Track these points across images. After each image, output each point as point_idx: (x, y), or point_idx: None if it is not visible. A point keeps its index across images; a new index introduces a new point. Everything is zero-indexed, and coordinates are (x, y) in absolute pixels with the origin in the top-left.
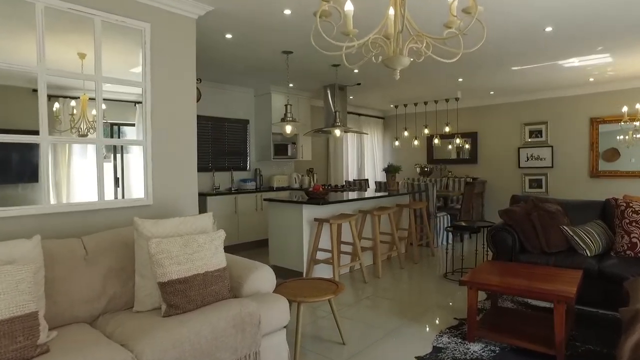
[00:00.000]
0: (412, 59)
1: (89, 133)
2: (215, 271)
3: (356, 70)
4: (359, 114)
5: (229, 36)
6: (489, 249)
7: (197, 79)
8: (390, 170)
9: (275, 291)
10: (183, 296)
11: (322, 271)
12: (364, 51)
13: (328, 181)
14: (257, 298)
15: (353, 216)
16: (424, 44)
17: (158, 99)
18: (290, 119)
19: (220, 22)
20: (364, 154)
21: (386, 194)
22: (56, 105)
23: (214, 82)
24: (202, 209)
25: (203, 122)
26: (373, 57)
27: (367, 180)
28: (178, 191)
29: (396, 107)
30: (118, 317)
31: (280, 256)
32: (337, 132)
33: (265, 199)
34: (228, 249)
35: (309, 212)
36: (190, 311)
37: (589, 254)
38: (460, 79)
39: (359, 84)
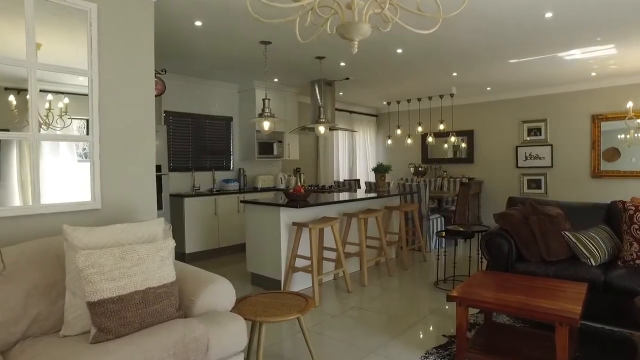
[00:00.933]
0: (373, 27)
1: (42, 129)
2: (159, 287)
3: (343, 64)
4: (350, 112)
5: (198, 23)
6: (483, 257)
7: (161, 70)
8: (379, 170)
9: (235, 309)
10: (117, 318)
11: (302, 280)
12: (313, 19)
13: (317, 181)
14: (209, 318)
15: (335, 220)
16: (387, 6)
17: (107, 90)
18: (268, 114)
19: (187, 7)
20: (356, 154)
21: (374, 195)
22: (10, 97)
23: (194, 76)
24: (179, 211)
25: (182, 118)
26: (328, 27)
27: (358, 180)
28: (133, 193)
29: (389, 104)
30: (38, 345)
31: (257, 263)
32: (322, 129)
33: (242, 201)
34: (207, 253)
35: (287, 216)
36: (124, 336)
37: (593, 263)
38: (455, 74)
39: (347, 78)
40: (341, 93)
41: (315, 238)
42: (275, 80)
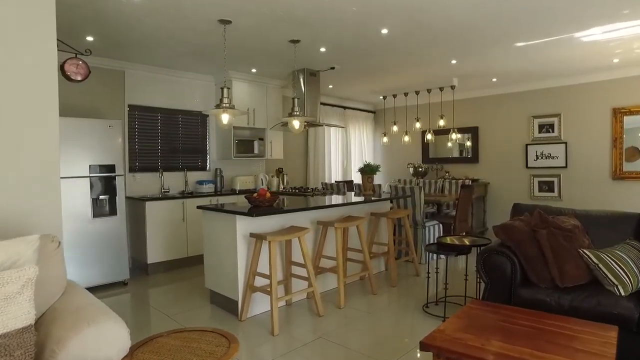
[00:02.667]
0: None
1: None
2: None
3: (323, 49)
4: (344, 107)
5: None
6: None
7: (85, 51)
8: (366, 170)
9: (127, 359)
10: None
11: (265, 301)
12: None
13: (307, 183)
14: None
15: (304, 230)
16: None
17: None
18: (227, 105)
19: None
20: (350, 153)
21: (358, 200)
22: None
23: (161, 66)
24: (140, 216)
25: (149, 113)
26: None
27: (351, 182)
28: (26, 202)
29: (384, 98)
30: None
31: (215, 279)
32: (296, 123)
33: (198, 207)
34: (172, 264)
35: (244, 225)
36: None
37: (622, 293)
38: (454, 61)
39: (332, 68)
40: (331, 86)
41: (274, 252)
42: (253, 70)
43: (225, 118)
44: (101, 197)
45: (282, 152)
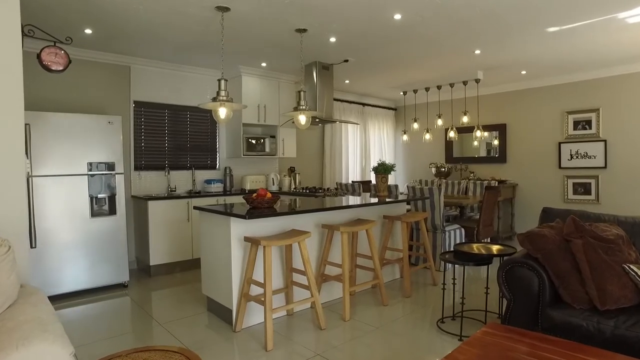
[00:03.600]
0: None
1: None
2: None
3: (333, 39)
4: (363, 104)
5: None
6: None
7: (65, 39)
8: (380, 170)
9: None
10: None
11: (260, 311)
12: None
13: (323, 183)
14: None
15: (305, 235)
16: None
17: None
18: (224, 98)
19: None
20: (370, 152)
21: (369, 201)
22: None
23: (168, 61)
24: (144, 216)
25: (156, 110)
26: None
27: (369, 182)
28: None
29: (404, 93)
30: None
31: (211, 285)
32: (302, 118)
33: (195, 207)
34: (176, 266)
35: (240, 228)
36: None
37: None
38: (478, 51)
39: (346, 60)
40: (347, 81)
41: (270, 258)
42: (263, 65)
43: (222, 112)
44: (100, 195)
45: (295, 151)
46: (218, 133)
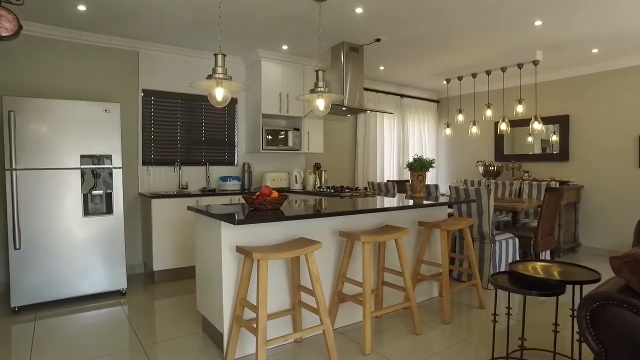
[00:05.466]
0: None
1: None
2: None
3: (359, 9)
4: (402, 95)
5: None
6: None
7: None
8: (415, 166)
9: None
10: None
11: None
12: None
13: (355, 182)
14: None
15: (311, 246)
16: None
17: None
18: (221, 76)
19: None
20: (408, 148)
21: (400, 205)
22: None
23: (181, 46)
24: (146, 216)
25: (168, 100)
26: None
27: (407, 182)
28: None
29: (447, 81)
30: None
31: (205, 303)
32: (320, 103)
33: (188, 207)
34: (184, 272)
35: (234, 235)
36: None
37: None
38: (538, 22)
39: (378, 40)
40: (382, 68)
41: (265, 275)
42: (284, 48)
43: (219, 93)
44: (95, 192)
45: (322, 145)
46: (237, 125)
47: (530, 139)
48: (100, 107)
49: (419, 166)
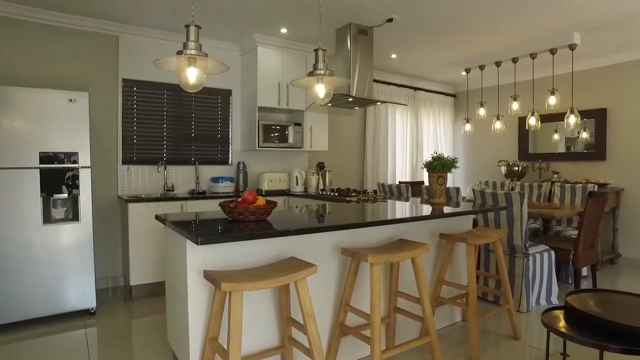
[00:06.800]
0: None
1: None
2: None
3: None
4: (415, 88)
5: None
6: None
7: None
8: (434, 167)
9: None
10: None
11: None
12: None
13: (364, 184)
14: None
15: (302, 271)
16: None
17: None
18: (194, 52)
19: None
20: (422, 146)
21: (416, 215)
22: None
23: (168, 30)
24: (123, 223)
25: (151, 90)
26: None
27: (421, 183)
28: None
29: (467, 72)
30: None
31: (175, 336)
32: (320, 89)
33: (156, 217)
34: (162, 286)
35: (203, 257)
36: None
37: None
38: None
39: (390, 20)
40: (394, 56)
41: (239, 310)
42: (283, 31)
43: (191, 74)
44: (56, 196)
45: (326, 142)
46: (231, 120)
47: (556, 136)
48: (64, 97)
49: (440, 166)
